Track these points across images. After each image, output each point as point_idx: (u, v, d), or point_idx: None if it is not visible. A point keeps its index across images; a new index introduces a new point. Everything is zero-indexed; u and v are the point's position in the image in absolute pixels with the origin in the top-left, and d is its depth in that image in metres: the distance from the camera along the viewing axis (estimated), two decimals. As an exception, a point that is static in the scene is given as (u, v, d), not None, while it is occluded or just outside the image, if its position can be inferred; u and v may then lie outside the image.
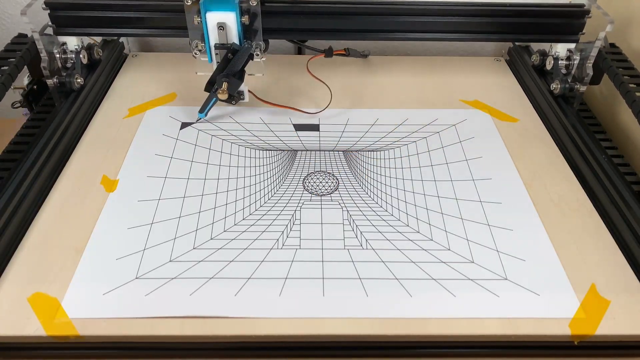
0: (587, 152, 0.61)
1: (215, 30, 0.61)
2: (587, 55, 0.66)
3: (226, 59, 0.62)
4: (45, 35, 0.65)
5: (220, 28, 0.61)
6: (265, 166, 0.61)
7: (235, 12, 0.60)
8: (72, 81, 0.66)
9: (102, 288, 0.46)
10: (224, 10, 0.60)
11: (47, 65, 0.64)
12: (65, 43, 0.69)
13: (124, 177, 0.58)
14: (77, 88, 0.67)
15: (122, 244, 0.50)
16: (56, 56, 0.67)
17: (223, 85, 0.61)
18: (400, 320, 0.44)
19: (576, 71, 0.69)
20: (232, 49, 0.62)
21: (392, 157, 0.63)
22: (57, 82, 0.66)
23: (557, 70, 0.71)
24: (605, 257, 0.50)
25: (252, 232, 0.52)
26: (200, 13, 0.61)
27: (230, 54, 0.62)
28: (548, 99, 0.70)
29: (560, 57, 0.71)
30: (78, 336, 0.43)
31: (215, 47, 0.62)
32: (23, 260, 0.48)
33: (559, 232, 0.53)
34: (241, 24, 0.62)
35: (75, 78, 0.67)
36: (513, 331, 0.44)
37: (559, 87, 0.69)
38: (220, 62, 0.63)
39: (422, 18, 0.68)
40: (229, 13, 0.60)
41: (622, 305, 0.46)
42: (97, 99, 0.70)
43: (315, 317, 0.44)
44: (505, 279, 0.48)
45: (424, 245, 0.51)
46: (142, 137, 0.64)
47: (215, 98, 0.63)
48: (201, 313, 0.44)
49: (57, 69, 0.67)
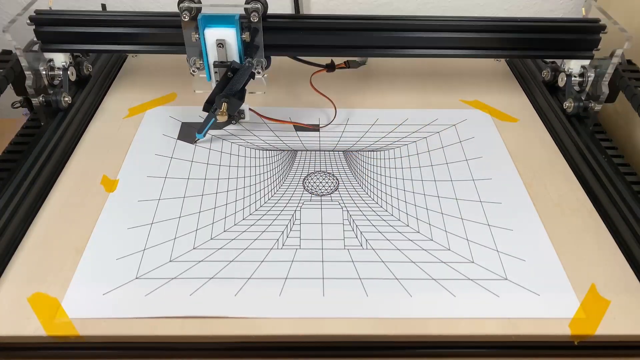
0: (587, 152, 0.61)
1: (215, 48, 0.58)
2: (603, 72, 0.63)
3: (226, 77, 0.59)
4: (30, 51, 0.62)
5: (219, 45, 0.58)
6: (265, 166, 0.61)
7: (235, 28, 0.57)
8: (59, 100, 0.63)
9: (102, 288, 0.46)
10: (224, 27, 0.57)
11: (32, 84, 0.61)
12: (52, 60, 0.65)
13: (124, 177, 0.58)
14: (64, 107, 0.64)
15: (122, 244, 0.50)
16: (42, 73, 0.63)
17: (222, 106, 0.58)
18: (400, 320, 0.44)
19: (590, 89, 0.65)
20: (232, 67, 0.59)
21: (392, 157, 0.63)
22: (43, 100, 0.62)
23: (570, 87, 0.67)
24: (605, 257, 0.50)
25: (252, 232, 0.52)
26: (199, 29, 0.57)
27: (230, 72, 0.59)
28: (560, 117, 0.67)
29: (574, 73, 0.67)
30: (78, 336, 0.43)
31: (214, 65, 0.59)
32: (23, 260, 0.48)
33: (559, 232, 0.53)
34: (242, 40, 0.58)
35: (63, 97, 0.63)
36: (513, 331, 0.44)
37: (572, 105, 0.65)
38: (219, 81, 0.60)
39: (429, 34, 0.65)
40: (229, 29, 0.57)
41: (622, 305, 0.46)
42: (86, 119, 0.67)
43: (315, 317, 0.44)
44: (505, 279, 0.48)
45: (424, 245, 0.51)
46: (142, 137, 0.64)
47: (214, 118, 0.60)
48: (201, 313, 0.44)
49: (44, 86, 0.64)
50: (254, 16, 0.57)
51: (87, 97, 0.68)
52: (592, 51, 0.66)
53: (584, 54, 0.66)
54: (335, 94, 0.70)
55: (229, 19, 0.57)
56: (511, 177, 0.59)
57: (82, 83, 0.70)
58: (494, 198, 0.57)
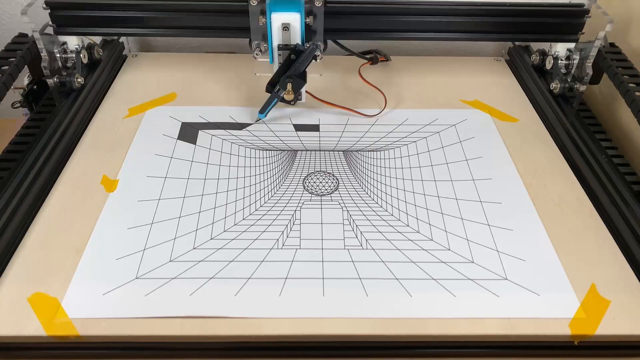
0: (587, 152, 0.61)
1: (280, 31, 0.61)
2: (587, 55, 0.67)
3: (289, 59, 0.62)
4: (45, 34, 0.65)
5: (284, 29, 0.61)
6: (265, 166, 0.61)
7: (300, 12, 0.61)
8: (73, 80, 0.67)
9: (102, 288, 0.46)
10: (290, 11, 0.61)
11: (48, 65, 0.64)
12: (65, 43, 0.69)
13: (124, 177, 0.58)
14: (77, 87, 0.67)
15: (122, 244, 0.50)
16: (56, 56, 0.67)
17: (288, 86, 0.61)
18: (400, 320, 0.44)
19: (576, 71, 0.69)
20: (296, 49, 0.61)
21: (392, 157, 0.63)
22: (57, 81, 0.66)
23: (557, 69, 0.71)
24: (605, 257, 0.50)
25: (252, 232, 0.52)
26: (266, 13, 0.61)
27: (294, 54, 0.62)
28: (548, 98, 0.70)
29: (560, 56, 0.71)
30: (78, 336, 0.43)
31: (278, 48, 0.62)
32: (23, 260, 0.48)
33: (559, 232, 0.53)
34: (305, 24, 0.62)
35: (76, 77, 0.67)
36: (513, 331, 0.44)
37: (558, 86, 0.69)
38: (282, 63, 0.63)
39: (421, 17, 0.69)
40: (294, 14, 0.61)
41: (622, 305, 0.46)
42: (98, 99, 0.70)
43: (315, 317, 0.44)
44: (505, 279, 0.48)
45: (424, 245, 0.51)
46: (142, 137, 0.64)
47: (277, 99, 0.63)
48: (201, 313, 0.44)
49: (58, 68, 0.67)
50: (318, 1, 0.61)
51: (98, 79, 0.72)
52: (577, 35, 0.69)
53: (570, 37, 0.70)
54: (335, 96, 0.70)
55: (295, 3, 0.61)
56: (511, 177, 0.59)
57: (94, 66, 0.73)
58: (494, 198, 0.57)
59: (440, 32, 0.70)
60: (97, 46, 0.74)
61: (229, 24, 0.68)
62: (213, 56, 0.82)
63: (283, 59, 0.63)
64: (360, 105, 0.70)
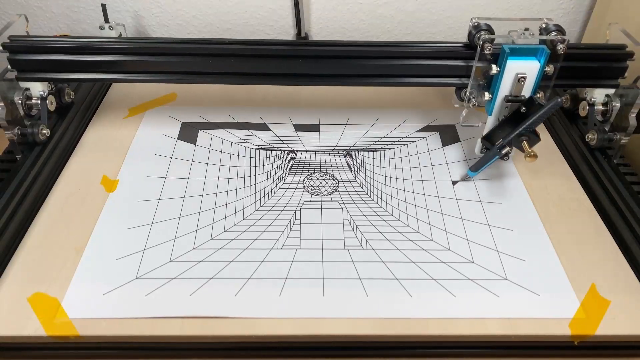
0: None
1: (512, 82, 0.52)
2: (631, 102, 0.57)
3: (517, 113, 0.53)
4: (4, 80, 0.57)
5: (520, 80, 0.51)
6: (265, 166, 0.61)
7: (542, 61, 0.51)
8: (36, 133, 0.57)
9: (102, 288, 0.46)
10: (528, 59, 0.51)
11: (6, 115, 0.55)
12: (28, 89, 0.59)
13: (124, 177, 0.58)
14: (41, 141, 0.58)
15: (122, 244, 0.50)
16: (18, 103, 0.58)
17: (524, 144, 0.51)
18: (400, 320, 0.44)
19: (615, 119, 0.60)
20: (531, 102, 0.52)
21: (392, 157, 0.63)
22: (18, 133, 0.57)
23: (593, 117, 0.61)
24: (605, 257, 0.50)
25: (252, 232, 0.52)
26: (498, 60, 0.52)
27: (524, 107, 0.52)
28: (581, 149, 0.62)
29: (597, 102, 0.61)
30: (78, 336, 0.43)
31: (506, 100, 0.53)
32: (23, 260, 0.48)
33: (559, 232, 0.53)
34: (543, 73, 0.52)
35: (40, 129, 0.58)
36: (513, 331, 0.44)
37: (596, 138, 0.60)
38: (507, 116, 0.54)
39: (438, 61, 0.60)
40: (533, 62, 0.51)
41: (622, 305, 0.46)
42: (65, 154, 0.60)
43: (315, 317, 0.44)
44: (505, 279, 0.48)
45: (424, 245, 0.51)
46: (142, 137, 0.64)
47: (498, 157, 0.53)
48: (201, 313, 0.44)
49: (20, 117, 0.58)
50: (561, 48, 0.52)
51: (67, 128, 0.63)
52: (618, 80, 0.60)
53: (609, 82, 0.60)
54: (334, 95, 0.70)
55: (536, 51, 0.52)
56: (511, 177, 0.59)
57: (65, 110, 0.65)
58: (494, 198, 0.57)
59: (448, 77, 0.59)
60: (68, 88, 0.65)
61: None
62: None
63: (508, 111, 0.54)
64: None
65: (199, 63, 0.59)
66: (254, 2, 0.84)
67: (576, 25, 0.88)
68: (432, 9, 0.86)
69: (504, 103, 0.53)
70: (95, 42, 0.58)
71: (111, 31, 0.79)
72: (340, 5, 0.84)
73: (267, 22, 0.86)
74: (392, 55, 0.58)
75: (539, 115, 0.50)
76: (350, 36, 0.88)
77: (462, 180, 0.58)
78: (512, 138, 0.51)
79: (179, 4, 0.84)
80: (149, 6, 0.85)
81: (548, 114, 0.50)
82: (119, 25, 0.80)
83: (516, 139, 0.52)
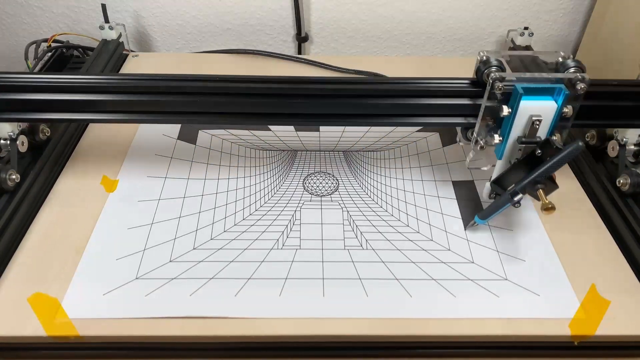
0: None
1: (525, 123, 0.47)
2: None
3: (532, 156, 0.47)
4: None
5: (534, 123, 0.46)
6: (265, 166, 0.61)
7: (559, 101, 0.46)
8: (4, 178, 0.51)
9: (102, 288, 0.46)
10: (544, 99, 0.46)
11: None
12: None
13: (124, 177, 0.58)
14: (10, 188, 0.52)
15: (122, 244, 0.50)
16: None
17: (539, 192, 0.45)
18: (400, 321, 0.44)
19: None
20: (548, 145, 0.46)
21: (392, 157, 0.63)
22: None
23: (624, 159, 0.56)
24: (605, 257, 0.50)
25: (252, 232, 0.52)
26: (510, 101, 0.47)
27: (540, 149, 0.47)
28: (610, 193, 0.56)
29: (629, 143, 0.56)
30: (78, 336, 0.43)
31: (519, 142, 0.48)
32: (23, 260, 0.48)
33: (559, 232, 0.53)
34: (559, 115, 0.47)
35: (8, 174, 0.51)
36: (513, 331, 0.44)
37: (628, 183, 0.54)
38: (519, 160, 0.48)
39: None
40: (549, 102, 0.46)
41: (622, 305, 0.46)
42: (37, 202, 0.54)
43: (315, 317, 0.44)
44: (505, 279, 0.48)
45: (424, 245, 0.51)
46: (142, 137, 0.64)
47: (509, 204, 0.47)
48: (201, 313, 0.44)
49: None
50: (581, 87, 0.46)
51: (40, 171, 0.56)
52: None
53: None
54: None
55: (553, 90, 0.46)
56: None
57: (40, 149, 0.58)
58: (494, 198, 0.57)
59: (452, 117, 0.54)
60: (43, 125, 0.58)
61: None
62: (213, 56, 0.82)
63: (521, 154, 0.48)
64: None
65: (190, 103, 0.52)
66: (254, 2, 0.84)
67: (576, 25, 0.88)
68: (432, 9, 0.86)
69: (516, 145, 0.48)
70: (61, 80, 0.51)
71: (111, 31, 0.80)
72: (340, 5, 0.85)
73: (267, 22, 0.87)
74: (393, 93, 0.52)
75: (557, 161, 0.45)
76: (350, 36, 0.89)
77: (469, 227, 0.53)
78: (526, 184, 0.46)
79: (179, 4, 0.84)
80: (149, 6, 0.85)
81: (567, 159, 0.45)
82: (119, 25, 0.80)
83: (530, 185, 0.46)
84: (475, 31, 0.88)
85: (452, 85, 0.52)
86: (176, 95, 0.51)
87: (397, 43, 0.90)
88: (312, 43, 0.90)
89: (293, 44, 0.89)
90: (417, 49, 0.91)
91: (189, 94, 0.51)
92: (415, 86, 0.52)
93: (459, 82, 0.52)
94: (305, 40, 0.87)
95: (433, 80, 0.52)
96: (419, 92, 0.52)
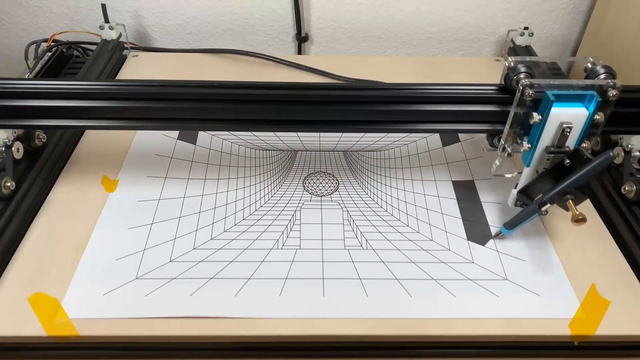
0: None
1: (555, 131, 0.46)
2: None
3: (561, 166, 0.46)
4: None
5: (565, 130, 0.45)
6: (265, 166, 0.61)
7: (591, 109, 0.45)
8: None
9: (102, 288, 0.46)
10: (575, 106, 0.45)
11: None
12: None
13: (124, 177, 0.58)
14: (5, 195, 0.51)
15: (122, 244, 0.50)
16: None
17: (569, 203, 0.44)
18: (400, 321, 0.44)
19: None
20: (581, 155, 0.45)
21: (392, 157, 0.63)
22: None
23: (629, 166, 0.55)
24: (605, 257, 0.50)
25: (252, 232, 0.52)
26: (540, 107, 0.46)
27: (568, 159, 0.46)
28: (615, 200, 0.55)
29: (634, 149, 0.55)
30: (78, 336, 0.43)
31: (547, 151, 0.46)
32: (23, 260, 0.48)
33: (558, 232, 0.53)
34: (591, 121, 0.45)
35: (4, 182, 0.50)
36: (513, 331, 0.44)
37: (634, 190, 0.53)
38: (547, 169, 0.47)
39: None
40: (580, 109, 0.45)
41: (622, 305, 0.46)
42: (32, 209, 0.53)
43: (315, 317, 0.44)
44: (505, 279, 0.48)
45: (424, 245, 0.51)
46: (142, 137, 0.64)
47: (537, 214, 0.47)
48: (201, 313, 0.44)
49: None
50: (613, 94, 0.45)
51: (36, 178, 0.55)
52: None
53: None
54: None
55: (584, 97, 0.45)
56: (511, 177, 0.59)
57: (36, 155, 0.56)
58: (494, 198, 0.57)
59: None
60: (39, 131, 0.56)
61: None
62: (214, 56, 0.82)
63: (549, 163, 0.47)
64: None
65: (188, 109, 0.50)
66: (254, 2, 0.84)
67: (576, 25, 0.88)
68: (432, 9, 0.86)
69: (544, 154, 0.47)
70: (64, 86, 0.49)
71: (111, 31, 0.80)
72: (340, 5, 0.85)
73: (267, 22, 0.87)
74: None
75: (587, 171, 0.44)
76: (350, 36, 0.89)
77: (495, 237, 0.52)
78: (554, 195, 0.45)
79: (179, 4, 0.84)
80: (149, 6, 0.85)
81: (597, 169, 0.43)
82: (119, 25, 0.80)
83: (559, 196, 0.45)
84: (475, 31, 0.88)
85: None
86: (174, 102, 0.50)
87: (397, 43, 0.90)
88: (312, 43, 0.90)
89: (293, 44, 0.89)
90: (417, 49, 0.91)
91: (187, 101, 0.50)
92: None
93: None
94: (305, 40, 0.87)
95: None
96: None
